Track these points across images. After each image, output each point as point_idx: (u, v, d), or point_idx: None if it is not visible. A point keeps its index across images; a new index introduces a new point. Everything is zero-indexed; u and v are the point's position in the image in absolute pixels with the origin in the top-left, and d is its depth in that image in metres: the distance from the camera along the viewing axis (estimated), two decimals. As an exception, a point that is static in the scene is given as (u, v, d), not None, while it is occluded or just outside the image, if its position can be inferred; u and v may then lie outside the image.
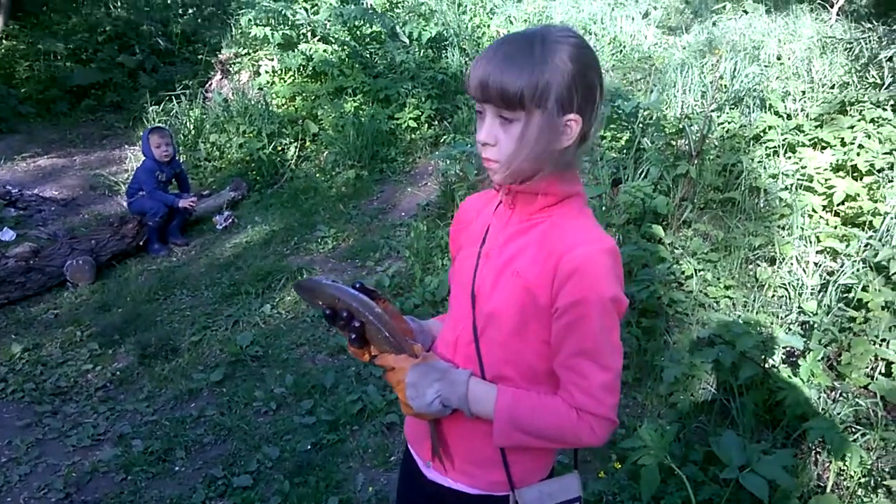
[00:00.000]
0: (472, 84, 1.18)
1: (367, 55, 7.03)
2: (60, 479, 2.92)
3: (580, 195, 1.26)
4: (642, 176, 4.42)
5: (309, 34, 6.96)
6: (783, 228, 3.97)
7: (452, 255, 1.46)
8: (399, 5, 7.87)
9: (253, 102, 6.78)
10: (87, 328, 4.13)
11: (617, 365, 1.20)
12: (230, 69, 7.72)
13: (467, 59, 6.91)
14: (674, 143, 4.54)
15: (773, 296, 3.59)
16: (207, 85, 7.88)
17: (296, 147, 6.37)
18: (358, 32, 7.17)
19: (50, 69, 8.63)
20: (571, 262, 1.15)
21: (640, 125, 4.57)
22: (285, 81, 6.95)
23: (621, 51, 7.60)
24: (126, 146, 7.27)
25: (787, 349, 3.09)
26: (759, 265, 3.80)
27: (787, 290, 3.58)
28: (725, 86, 5.41)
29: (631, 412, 3.14)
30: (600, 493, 2.65)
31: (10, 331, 4.13)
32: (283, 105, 6.83)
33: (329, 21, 6.83)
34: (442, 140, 6.22)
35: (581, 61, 1.16)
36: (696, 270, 3.67)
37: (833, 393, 2.95)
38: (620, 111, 4.48)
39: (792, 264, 3.66)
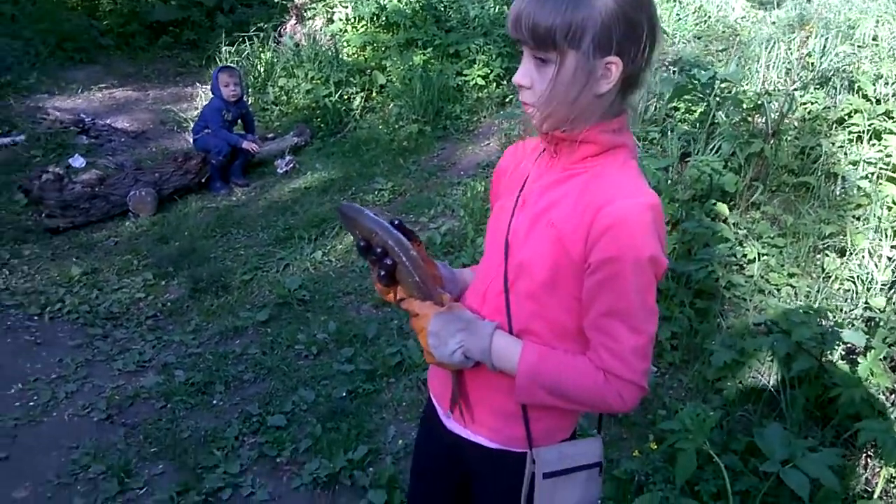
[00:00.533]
0: (510, 22, 1.11)
1: (441, 8, 6.91)
2: (104, 401, 3.01)
3: (627, 147, 1.17)
4: (713, 151, 4.23)
5: (385, -18, 6.88)
6: (858, 219, 3.75)
7: (492, 204, 1.40)
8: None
9: (323, 49, 6.75)
10: (144, 258, 4.23)
11: (651, 329, 1.12)
12: (304, 14, 7.70)
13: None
14: (750, 119, 4.32)
15: (840, 288, 3.40)
16: (281, 29, 7.88)
17: (362, 97, 6.33)
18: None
19: (132, 3, 8.79)
20: (609, 216, 1.08)
21: (716, 98, 4.35)
22: (357, 30, 6.89)
23: (706, 21, 7.27)
24: (198, 84, 7.36)
25: (849, 346, 2.92)
26: (827, 255, 3.60)
27: (854, 283, 3.39)
28: (812, 64, 5.11)
29: (675, 394, 3.04)
30: (633, 472, 2.57)
31: (72, 254, 4.25)
32: (353, 54, 6.79)
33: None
34: (509, 100, 6.09)
35: (634, 4, 1.08)
36: (759, 254, 3.50)
37: (892, 395, 2.79)
38: (696, 81, 4.28)
39: (863, 257, 3.46)
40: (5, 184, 5.00)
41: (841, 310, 3.26)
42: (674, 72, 5.68)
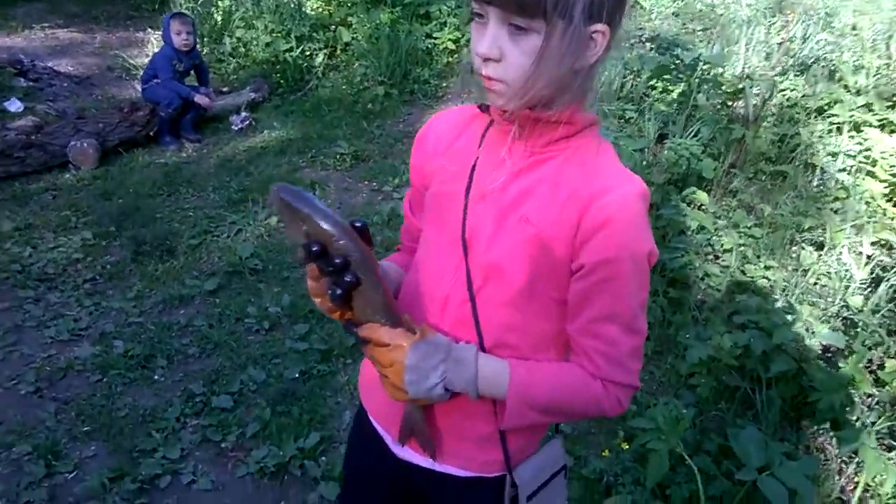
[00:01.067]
0: None
1: (412, -36, 6.60)
2: (33, 372, 2.75)
3: (595, 123, 1.02)
4: (692, 135, 4.09)
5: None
6: (836, 213, 3.66)
7: (416, 181, 1.19)
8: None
9: (285, 0, 6.39)
10: (84, 215, 3.92)
11: (645, 326, 1.02)
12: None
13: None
14: (730, 104, 4.19)
15: (816, 284, 3.31)
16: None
17: (325, 54, 6.02)
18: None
19: (81, -62, 8.20)
20: (602, 212, 0.95)
21: (697, 80, 4.21)
22: (323, -18, 6.55)
23: (683, -2, 7.13)
24: (150, 29, 6.91)
25: (827, 346, 2.83)
26: (804, 248, 3.51)
27: (831, 279, 3.31)
28: (793, 50, 5.00)
29: (646, 387, 2.92)
30: (602, 471, 2.44)
31: (5, 207, 3.92)
32: (316, 8, 6.45)
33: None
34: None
35: None
36: (736, 245, 3.38)
37: (870, 400, 2.70)
38: (679, 61, 4.12)
39: (842, 252, 3.37)
40: (-68, 125, 4.59)
41: (817, 307, 3.17)
42: (651, 49, 5.52)
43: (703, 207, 3.46)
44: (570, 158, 1.00)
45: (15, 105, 5.00)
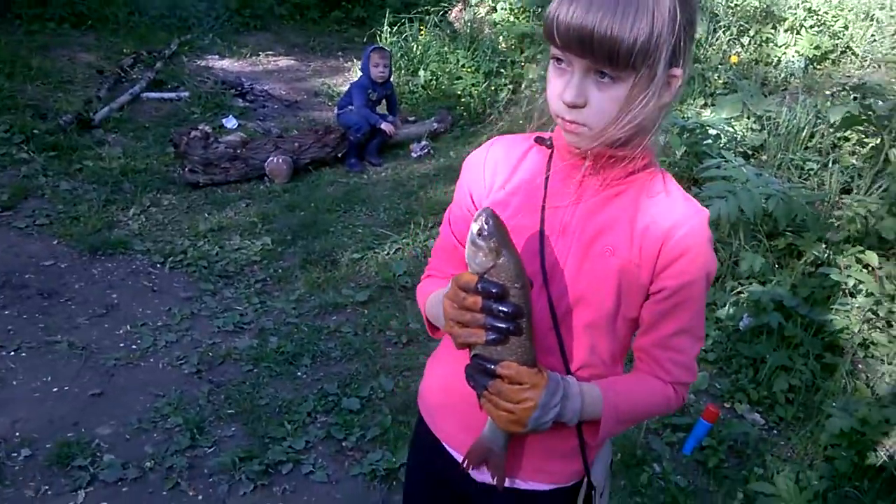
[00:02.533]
0: (564, 33, 0.94)
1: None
2: (197, 355, 3.11)
3: (656, 156, 1.10)
4: (880, 191, 3.77)
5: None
6: None
7: (463, 212, 1.20)
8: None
9: (480, 38, 6.69)
10: (269, 223, 4.36)
11: (704, 329, 1.16)
12: (471, 1, 7.67)
13: (715, 24, 6.27)
14: (930, 160, 3.80)
15: None
16: (447, 14, 7.90)
17: (509, 90, 6.22)
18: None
19: (311, -25, 9.14)
20: (682, 242, 1.05)
21: (892, 133, 3.87)
22: (519, 20, 6.76)
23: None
24: (356, 60, 7.52)
25: None
26: None
27: None
28: None
29: (779, 453, 2.73)
30: (710, 531, 2.33)
31: (204, 210, 4.46)
32: (509, 45, 6.68)
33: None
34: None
35: (689, 3, 0.93)
36: (910, 314, 3.07)
37: None
38: (871, 112, 3.82)
39: None
40: (162, 136, 5.33)
41: None
42: (854, 98, 5.13)
43: (871, 270, 3.17)
44: (640, 191, 1.08)
45: (231, 122, 5.68)
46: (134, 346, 3.14)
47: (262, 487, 2.47)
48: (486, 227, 0.96)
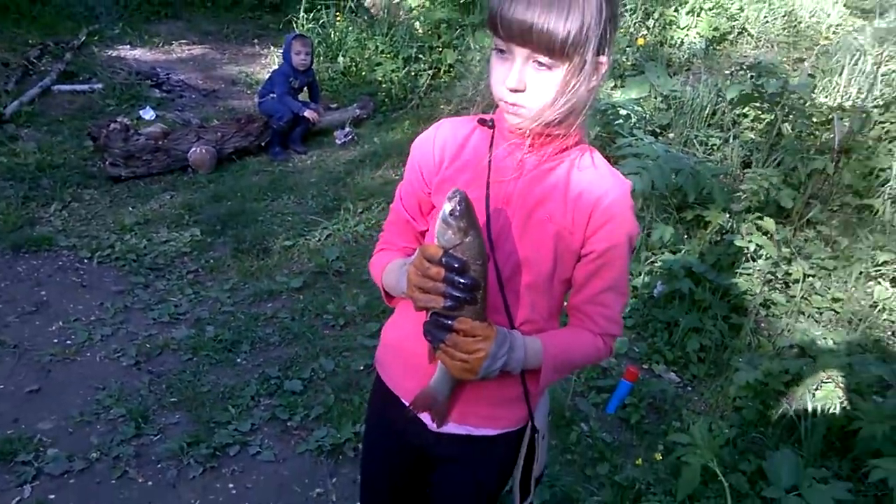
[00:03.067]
0: (507, 27, 1.08)
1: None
2: (134, 347, 3.13)
3: (585, 134, 1.25)
4: (776, 163, 4.08)
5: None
6: (919, 249, 3.56)
7: (415, 189, 1.34)
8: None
9: (398, 24, 6.77)
10: (196, 214, 4.36)
11: (628, 287, 1.34)
12: (385, -13, 7.72)
13: (623, 8, 6.53)
14: (817, 134, 4.14)
15: (885, 320, 3.25)
16: (362, 0, 7.93)
17: (429, 75, 6.34)
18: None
19: (222, -37, 8.98)
20: (609, 210, 1.20)
21: (784, 108, 4.19)
22: (435, 7, 6.87)
23: (795, 26, 6.97)
24: (273, 48, 7.50)
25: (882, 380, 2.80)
26: (880, 283, 3.45)
27: (903, 315, 3.24)
28: (897, 81, 4.85)
29: (693, 407, 2.98)
30: (633, 479, 2.53)
31: (128, 203, 4.42)
32: (427, 31, 6.78)
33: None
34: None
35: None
36: (804, 275, 3.37)
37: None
38: (763, 90, 4.12)
39: (916, 289, 3.30)
40: (78, 129, 5.21)
41: (884, 342, 3.12)
42: (751, 77, 5.48)
43: (770, 235, 3.46)
44: (572, 165, 1.23)
45: (149, 113, 5.59)
46: (69, 342, 3.13)
47: (211, 470, 2.54)
48: (458, 208, 1.08)
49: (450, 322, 1.14)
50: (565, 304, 1.34)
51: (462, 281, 1.09)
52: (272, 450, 2.65)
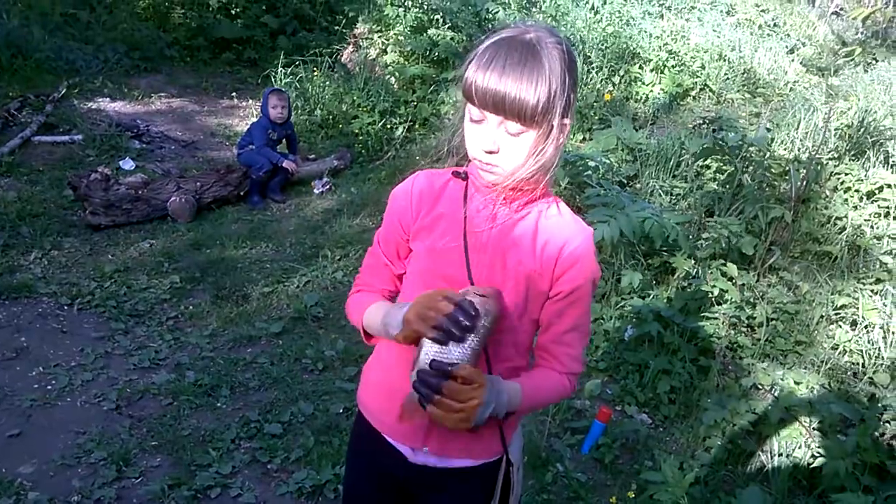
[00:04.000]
0: (482, 96, 1.19)
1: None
2: (115, 392, 3.16)
3: (551, 186, 1.37)
4: (737, 212, 4.27)
5: (440, 19, 7.09)
6: (875, 293, 3.73)
7: (394, 237, 1.43)
8: (536, 4, 7.88)
9: (374, 79, 6.97)
10: (175, 262, 4.41)
11: (590, 328, 1.43)
12: (361, 44, 7.95)
13: (589, 66, 6.81)
14: (776, 184, 4.34)
15: (847, 361, 3.40)
16: (338, 56, 8.14)
17: (404, 128, 6.51)
18: (488, 25, 7.23)
19: (200, 19, 9.14)
20: (573, 255, 1.32)
21: (744, 160, 4.40)
22: (409, 63, 7.09)
23: (754, 83, 7.31)
24: (251, 100, 7.64)
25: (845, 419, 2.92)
26: (840, 326, 3.60)
27: (862, 356, 3.38)
28: (851, 135, 5.11)
29: (665, 447, 3.07)
30: (608, 517, 2.61)
31: (108, 251, 4.47)
32: (402, 86, 6.99)
33: (460, 10, 6.93)
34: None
35: (571, 63, 1.22)
36: (767, 318, 3.52)
37: (884, 473, 2.76)
38: (723, 143, 4.33)
39: (873, 331, 3.45)
40: (59, 179, 5.26)
41: (844, 382, 3.25)
42: (713, 131, 5.73)
43: (733, 280, 3.61)
44: (540, 214, 1.35)
45: (128, 164, 5.67)
46: (49, 387, 3.15)
47: (193, 512, 2.57)
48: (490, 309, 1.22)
49: (449, 368, 1.19)
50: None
51: (461, 319, 1.18)
52: (253, 492, 2.68)
